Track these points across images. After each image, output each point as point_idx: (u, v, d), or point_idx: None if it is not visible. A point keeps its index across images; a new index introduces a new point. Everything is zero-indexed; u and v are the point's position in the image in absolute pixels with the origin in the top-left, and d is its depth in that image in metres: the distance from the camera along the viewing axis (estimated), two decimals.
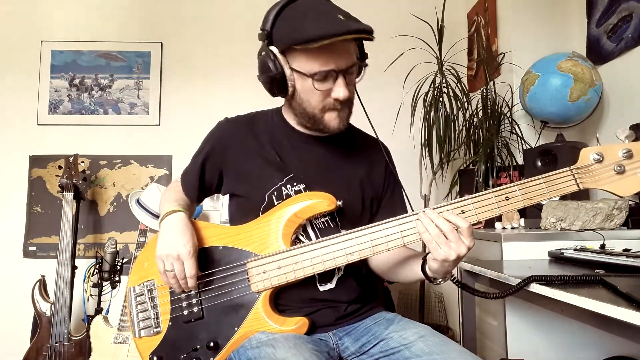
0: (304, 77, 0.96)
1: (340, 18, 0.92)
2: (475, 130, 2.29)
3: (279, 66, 0.96)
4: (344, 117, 1.03)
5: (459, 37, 2.75)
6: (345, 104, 1.01)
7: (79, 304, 2.55)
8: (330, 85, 0.97)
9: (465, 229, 0.86)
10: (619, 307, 0.74)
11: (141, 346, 1.04)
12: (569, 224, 1.48)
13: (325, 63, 0.94)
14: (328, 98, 0.98)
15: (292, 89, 0.99)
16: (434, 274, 0.94)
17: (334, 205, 0.99)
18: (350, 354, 0.99)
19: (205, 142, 1.14)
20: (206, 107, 2.82)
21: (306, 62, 0.95)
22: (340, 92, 0.97)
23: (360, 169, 1.12)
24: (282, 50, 0.96)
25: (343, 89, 0.96)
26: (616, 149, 0.87)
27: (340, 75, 0.96)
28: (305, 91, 0.99)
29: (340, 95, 0.97)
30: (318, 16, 0.92)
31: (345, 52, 0.96)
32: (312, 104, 1.00)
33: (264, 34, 0.99)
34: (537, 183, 0.88)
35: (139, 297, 1.06)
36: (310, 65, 0.94)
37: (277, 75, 0.97)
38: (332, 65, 0.94)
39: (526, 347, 1.47)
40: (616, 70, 1.92)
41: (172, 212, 1.04)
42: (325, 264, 0.94)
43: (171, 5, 2.89)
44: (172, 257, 0.97)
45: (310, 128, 1.08)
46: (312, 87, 0.96)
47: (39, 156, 2.76)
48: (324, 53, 0.93)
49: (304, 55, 0.94)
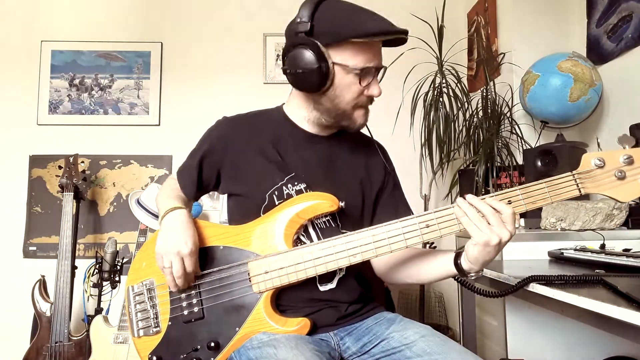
0: (346, 72, 0.98)
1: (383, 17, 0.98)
2: (475, 130, 2.29)
3: (323, 58, 0.96)
4: (367, 115, 1.07)
5: (459, 37, 2.75)
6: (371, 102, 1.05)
7: (79, 304, 2.55)
8: (368, 81, 1.00)
9: (509, 215, 0.84)
10: (619, 307, 0.74)
11: (140, 346, 1.04)
12: (569, 224, 1.48)
13: (371, 59, 0.98)
14: (362, 95, 1.01)
15: (329, 83, 0.99)
16: (471, 264, 0.90)
17: (337, 206, 0.99)
18: (352, 354, 0.99)
19: (203, 140, 1.13)
20: (206, 107, 2.81)
21: (353, 56, 0.97)
22: (376, 90, 1.01)
23: (360, 169, 1.12)
24: (326, 44, 0.96)
25: (378, 87, 1.01)
26: (617, 155, 0.88)
27: (377, 74, 1.00)
28: (342, 86, 1.00)
29: (375, 93, 1.02)
30: (369, 14, 0.98)
31: (381, 51, 1.02)
32: (346, 100, 1.01)
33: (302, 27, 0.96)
34: (539, 187, 0.89)
35: (137, 296, 1.06)
36: (357, 59, 0.97)
37: (322, 67, 0.96)
38: (376, 62, 0.99)
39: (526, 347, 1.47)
40: (616, 70, 1.93)
41: (173, 209, 1.03)
42: (327, 265, 0.95)
43: (171, 5, 2.89)
44: (172, 253, 0.97)
45: (329, 125, 1.08)
46: (352, 82, 0.99)
47: (39, 156, 2.76)
48: (371, 50, 0.98)
49: (351, 50, 0.97)
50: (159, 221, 1.05)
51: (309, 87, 1.01)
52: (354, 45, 0.96)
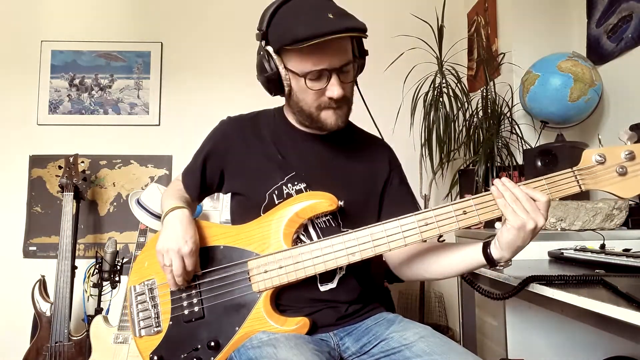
0: (297, 77, 0.97)
1: (330, 17, 0.91)
2: (475, 130, 2.29)
3: (274, 66, 0.98)
4: (341, 114, 1.03)
5: (459, 37, 2.75)
6: (342, 101, 1.01)
7: (79, 304, 2.55)
8: (324, 84, 0.97)
9: (544, 203, 0.83)
10: (619, 307, 0.74)
11: (141, 345, 1.04)
12: (569, 224, 1.48)
13: (318, 62, 0.94)
14: (323, 97, 0.99)
15: (288, 89, 1.01)
16: (502, 252, 0.87)
17: (335, 205, 0.99)
18: (351, 354, 0.99)
19: (207, 140, 1.14)
20: (206, 107, 2.81)
21: (299, 62, 0.96)
22: (334, 91, 0.97)
23: (361, 167, 1.12)
24: (277, 50, 0.97)
25: (337, 87, 0.97)
26: (618, 151, 0.87)
27: (334, 74, 0.96)
28: (300, 90, 1.00)
29: (334, 94, 0.97)
30: (309, 16, 0.93)
31: (339, 50, 0.96)
32: (308, 103, 1.01)
33: (260, 34, 1.00)
34: (539, 184, 0.88)
35: (139, 296, 1.06)
36: (303, 65, 0.95)
37: (273, 75, 0.99)
38: (325, 65, 0.95)
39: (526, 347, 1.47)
40: (616, 70, 1.92)
41: (175, 209, 1.04)
42: (326, 264, 0.95)
43: (171, 5, 2.89)
44: (172, 251, 0.97)
45: (309, 126, 1.08)
46: (306, 87, 0.97)
47: (39, 156, 2.76)
48: (316, 52, 0.93)
49: (296, 55, 0.95)
50: (161, 220, 1.06)
51: (273, 93, 1.04)
52: (297, 51, 0.94)
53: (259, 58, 1.01)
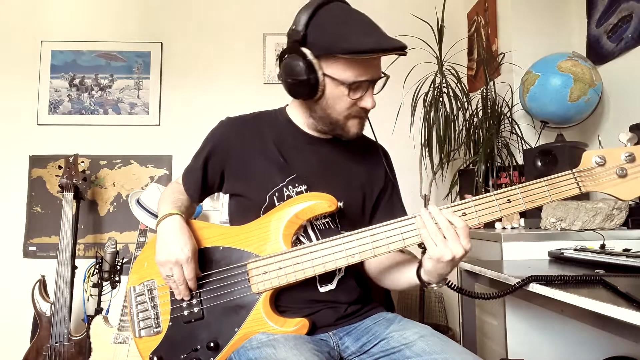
0: (336, 84, 0.97)
1: (383, 32, 0.94)
2: (475, 130, 2.29)
3: (313, 70, 0.95)
4: (364, 124, 1.06)
5: (459, 37, 2.75)
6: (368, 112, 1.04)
7: (79, 304, 2.55)
8: (360, 94, 0.98)
9: (462, 228, 0.85)
10: (619, 307, 0.74)
11: (141, 346, 1.04)
12: (569, 224, 1.48)
13: (363, 73, 0.96)
14: (355, 106, 1.00)
15: (320, 94, 0.99)
16: (428, 276, 0.93)
17: (335, 207, 0.99)
18: (351, 354, 0.99)
19: (207, 140, 1.14)
20: (206, 107, 2.82)
21: (344, 70, 0.95)
22: (369, 102, 1.00)
23: (361, 171, 1.12)
24: (317, 55, 0.95)
25: (372, 99, 1.00)
26: (618, 153, 0.87)
27: (371, 86, 0.99)
28: (334, 97, 0.99)
29: (368, 105, 1.00)
30: (363, 27, 0.95)
31: (379, 64, 0.99)
32: (338, 110, 1.01)
33: (295, 35, 0.96)
34: (539, 186, 0.88)
35: (139, 296, 1.06)
36: (348, 73, 0.95)
37: (311, 79, 0.96)
38: (368, 76, 0.97)
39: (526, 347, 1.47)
40: (616, 70, 1.92)
41: (167, 216, 1.04)
42: (325, 265, 0.94)
43: (171, 5, 2.89)
44: (170, 262, 0.98)
45: (325, 132, 1.08)
46: (343, 95, 0.98)
47: (39, 156, 2.76)
48: (363, 64, 0.95)
49: (343, 63, 0.95)
50: (155, 227, 1.06)
51: (300, 95, 1.01)
52: (345, 60, 0.94)
53: (290, 59, 0.97)
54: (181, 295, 1.00)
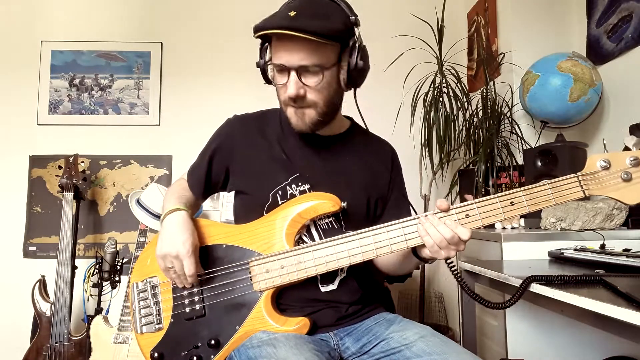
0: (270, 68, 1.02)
1: (290, 15, 0.92)
2: (475, 130, 2.29)
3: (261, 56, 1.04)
4: (304, 117, 1.00)
5: (459, 37, 2.75)
6: (304, 104, 0.99)
7: (79, 304, 2.55)
8: (284, 81, 0.98)
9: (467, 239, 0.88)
10: (619, 307, 0.74)
11: (142, 342, 1.04)
12: (569, 224, 1.49)
13: (279, 57, 0.97)
14: (284, 94, 1.00)
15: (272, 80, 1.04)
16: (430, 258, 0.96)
17: (338, 207, 0.99)
18: (351, 354, 0.99)
19: (213, 138, 1.14)
20: (206, 107, 2.82)
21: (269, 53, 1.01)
22: (288, 89, 0.97)
23: (365, 170, 1.12)
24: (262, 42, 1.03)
25: (292, 86, 0.96)
26: (624, 157, 0.86)
27: (292, 72, 0.96)
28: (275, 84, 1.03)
29: (288, 93, 0.97)
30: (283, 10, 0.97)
31: (300, 49, 0.94)
32: (279, 97, 1.03)
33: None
34: (543, 189, 0.87)
35: (141, 293, 1.07)
36: (271, 56, 1.00)
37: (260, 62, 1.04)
38: (282, 60, 0.96)
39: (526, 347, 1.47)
40: (616, 70, 1.93)
41: (173, 211, 1.04)
42: (328, 265, 0.95)
43: (171, 5, 2.89)
44: (171, 255, 0.98)
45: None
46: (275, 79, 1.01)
47: (39, 156, 2.76)
48: (280, 48, 0.97)
49: (271, 46, 1.00)
50: (160, 222, 1.06)
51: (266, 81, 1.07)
52: (272, 42, 0.99)
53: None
54: (181, 286, 1.01)
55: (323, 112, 1.01)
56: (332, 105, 1.03)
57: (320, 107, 1.00)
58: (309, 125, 1.02)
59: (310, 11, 0.94)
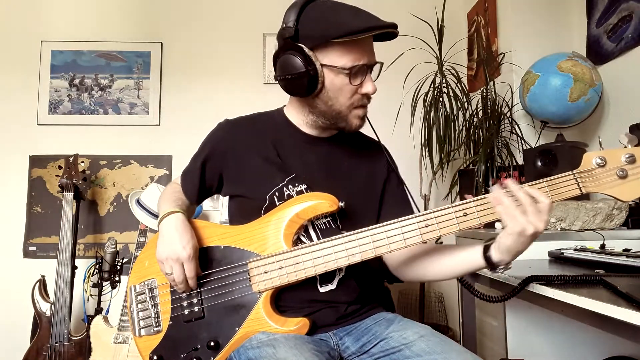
0: (335, 73, 0.97)
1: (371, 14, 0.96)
2: (475, 130, 2.29)
3: (310, 62, 0.95)
4: (365, 115, 1.05)
5: (459, 37, 2.75)
6: (369, 100, 1.03)
7: (79, 304, 2.55)
8: (360, 80, 0.99)
9: (547, 205, 0.83)
10: (619, 307, 0.74)
11: (141, 345, 1.04)
12: (569, 224, 1.48)
13: (360, 57, 0.96)
14: (356, 94, 1.00)
15: (320, 86, 0.98)
16: (502, 256, 0.88)
17: (336, 206, 0.99)
18: (351, 354, 0.99)
19: (205, 143, 1.14)
20: (206, 107, 2.82)
21: (340, 56, 0.96)
22: (370, 87, 0.99)
23: (362, 169, 1.12)
24: (312, 47, 0.96)
25: (372, 84, 0.99)
26: (619, 154, 0.87)
27: (369, 71, 0.99)
28: (335, 88, 0.99)
29: (369, 90, 0.99)
30: (352, 11, 0.97)
31: (372, 47, 1.00)
32: (341, 101, 1.00)
33: (288, 32, 0.97)
34: (540, 186, 0.88)
35: (139, 295, 1.06)
36: (345, 59, 0.96)
37: (309, 71, 0.95)
38: (365, 60, 0.97)
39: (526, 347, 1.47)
40: (616, 70, 1.92)
41: (170, 213, 1.04)
42: (326, 265, 0.94)
43: (171, 5, 2.89)
44: (171, 259, 0.98)
45: (327, 127, 1.08)
46: (344, 83, 0.98)
47: (39, 156, 2.76)
48: (359, 48, 0.96)
49: (337, 50, 0.95)
50: (157, 226, 1.06)
51: (300, 92, 1.00)
52: (340, 45, 0.95)
53: (285, 56, 0.97)
54: (181, 291, 1.01)
55: None
56: None
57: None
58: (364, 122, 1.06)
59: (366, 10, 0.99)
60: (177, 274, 0.98)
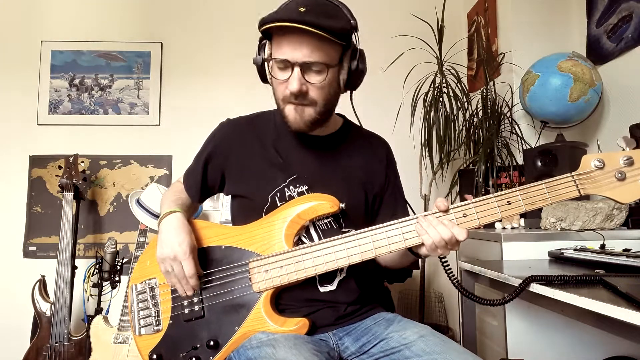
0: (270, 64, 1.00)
1: (300, 10, 0.92)
2: (475, 130, 2.29)
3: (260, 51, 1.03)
4: (304, 115, 1.00)
5: (459, 37, 2.75)
6: (305, 101, 0.98)
7: (79, 304, 2.55)
8: (287, 77, 0.97)
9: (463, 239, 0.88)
10: (619, 307, 0.74)
11: (141, 344, 1.04)
12: (569, 224, 1.48)
13: (282, 52, 0.96)
14: (286, 90, 0.98)
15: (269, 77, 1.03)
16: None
17: (337, 207, 0.99)
18: (351, 354, 0.99)
19: (207, 142, 1.14)
20: (206, 107, 2.82)
21: (270, 48, 1.00)
22: (290, 85, 0.96)
23: (361, 168, 1.12)
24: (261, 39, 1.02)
25: (295, 82, 0.95)
26: (617, 156, 0.88)
27: (296, 68, 0.95)
28: (272, 80, 1.02)
29: (290, 88, 0.96)
30: (287, 3, 0.97)
31: (306, 45, 0.93)
32: (277, 94, 1.02)
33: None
34: (539, 188, 0.88)
35: (140, 294, 1.07)
36: (270, 51, 1.00)
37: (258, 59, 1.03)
38: (287, 56, 0.95)
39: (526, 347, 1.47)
40: (616, 70, 1.93)
41: (169, 213, 1.04)
42: (327, 265, 0.95)
43: (171, 5, 2.89)
44: (169, 258, 0.98)
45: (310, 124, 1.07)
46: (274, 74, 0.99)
47: (39, 156, 2.76)
48: (284, 42, 0.95)
49: (275, 42, 0.98)
50: (157, 226, 1.06)
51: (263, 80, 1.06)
52: (275, 37, 0.97)
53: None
54: (182, 293, 1.00)
55: (321, 112, 1.01)
56: (330, 105, 1.04)
57: (319, 106, 1.01)
58: (307, 124, 1.01)
59: (319, 9, 0.95)
60: (176, 272, 0.98)
